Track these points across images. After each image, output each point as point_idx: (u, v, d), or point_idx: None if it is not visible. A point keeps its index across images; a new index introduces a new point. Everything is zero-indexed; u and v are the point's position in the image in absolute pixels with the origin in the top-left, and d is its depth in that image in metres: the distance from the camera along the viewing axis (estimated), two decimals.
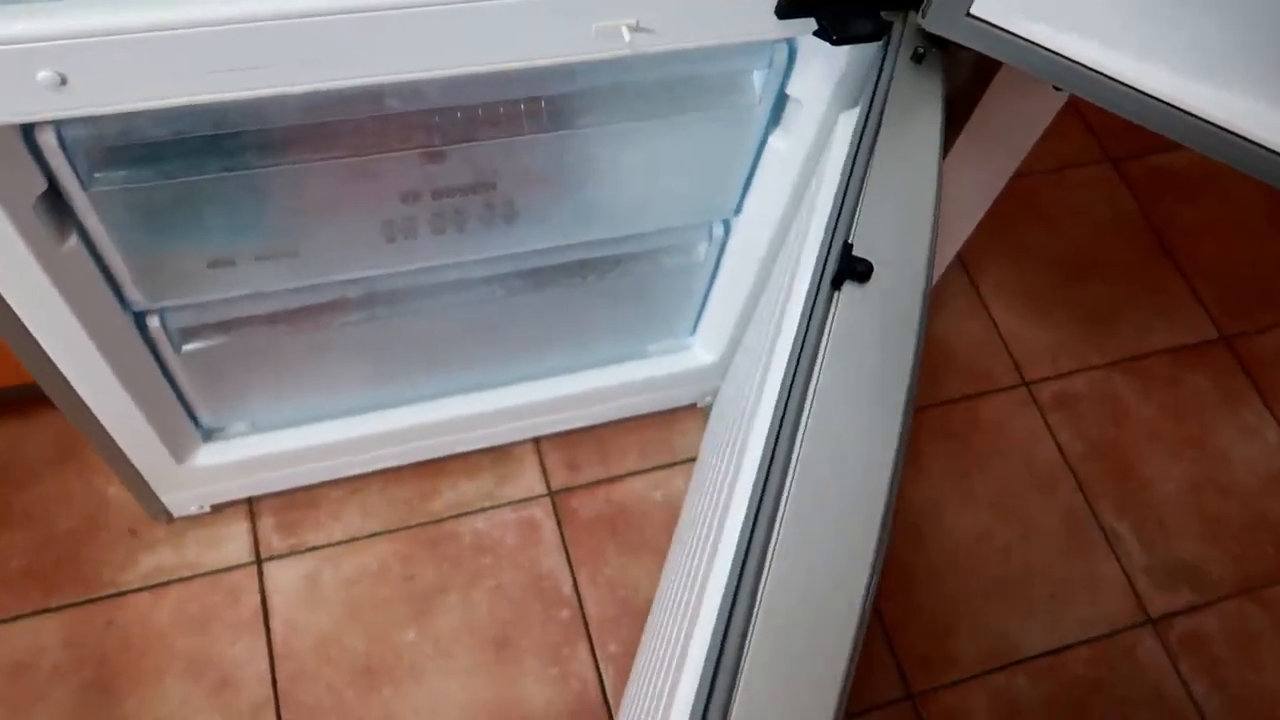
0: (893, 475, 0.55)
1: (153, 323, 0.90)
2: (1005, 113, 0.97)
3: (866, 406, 0.57)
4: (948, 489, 1.37)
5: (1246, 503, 1.42)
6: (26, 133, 0.67)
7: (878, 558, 0.52)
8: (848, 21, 0.74)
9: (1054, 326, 1.55)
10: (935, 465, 1.39)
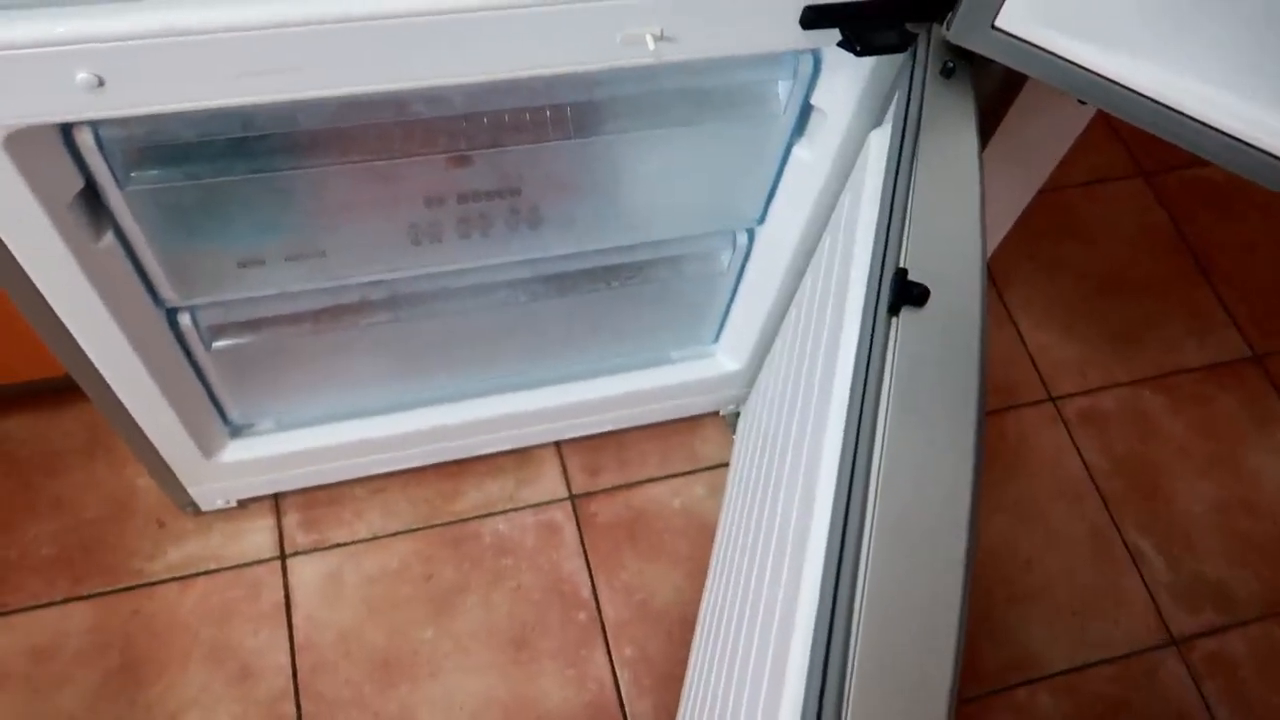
0: (973, 494, 0.56)
1: (184, 320, 0.92)
2: (1033, 125, 0.97)
3: (939, 431, 0.57)
4: None
5: (1276, 523, 1.39)
6: (65, 132, 0.69)
7: (968, 575, 0.53)
8: (872, 33, 0.74)
9: (1083, 341, 1.53)
10: None
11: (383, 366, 1.09)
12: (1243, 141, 0.66)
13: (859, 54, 0.74)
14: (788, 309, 1.09)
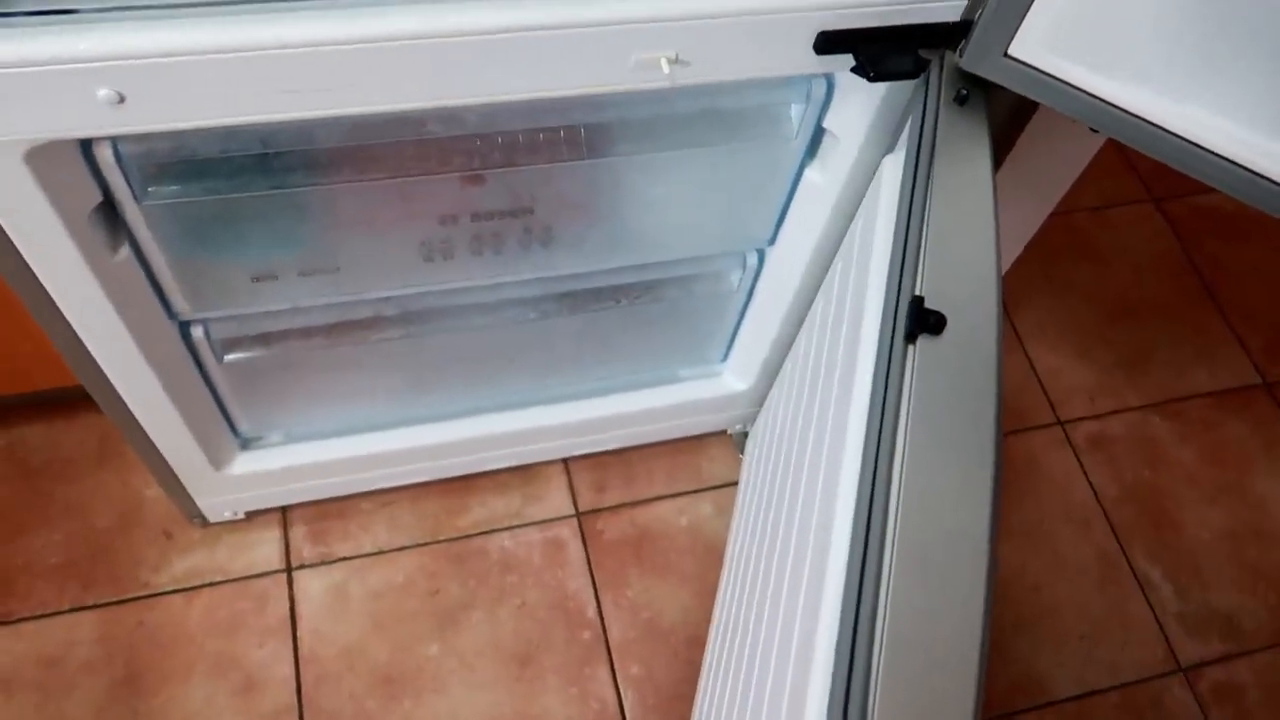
0: (993, 522, 0.56)
1: (196, 332, 0.92)
2: (1044, 151, 0.97)
3: (958, 458, 0.57)
4: None
5: None
6: (85, 147, 0.70)
7: (989, 605, 0.53)
8: (885, 59, 0.75)
9: (1092, 366, 1.53)
10: None
11: (393, 381, 1.09)
12: (1253, 171, 0.66)
13: (872, 80, 0.74)
14: (797, 330, 1.10)
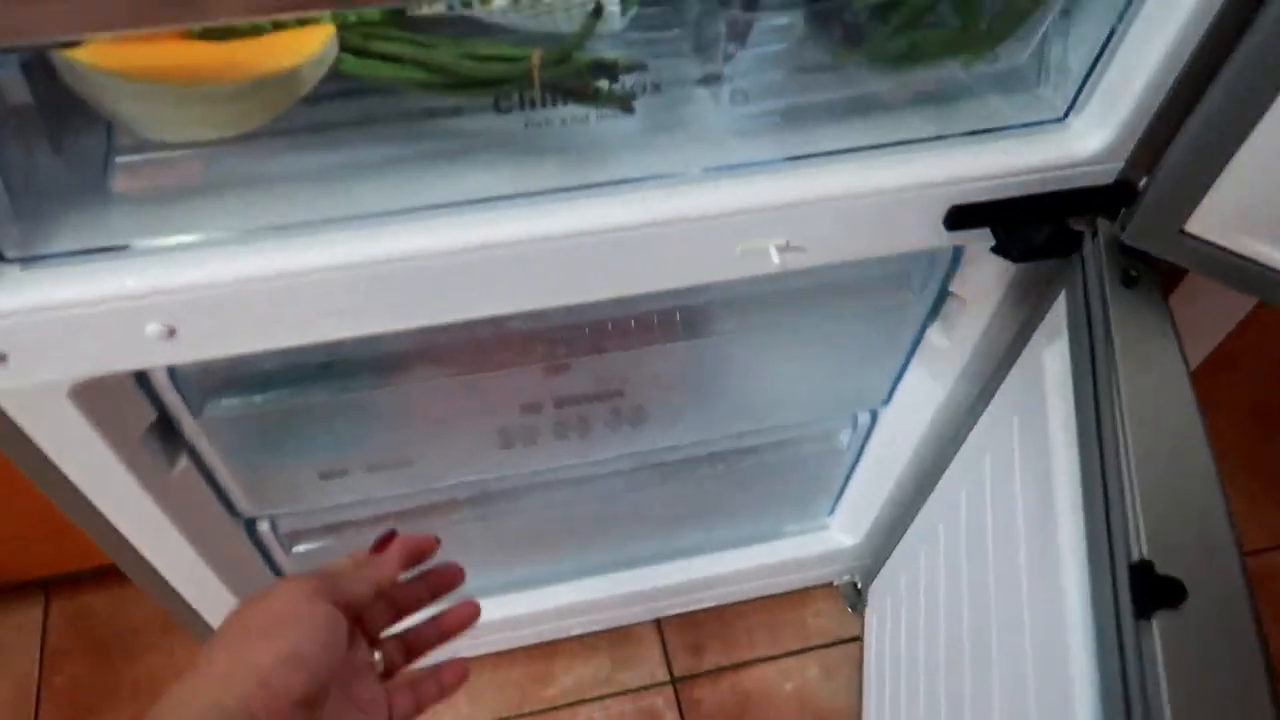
0: None
1: (263, 527, 0.85)
2: (1191, 310, 0.85)
3: None
4: None
5: None
6: (139, 372, 0.64)
7: None
8: (1029, 234, 0.64)
9: (1241, 492, 1.37)
10: None
11: (470, 556, 1.00)
12: None
13: (1017, 260, 0.64)
14: (915, 490, 0.98)
